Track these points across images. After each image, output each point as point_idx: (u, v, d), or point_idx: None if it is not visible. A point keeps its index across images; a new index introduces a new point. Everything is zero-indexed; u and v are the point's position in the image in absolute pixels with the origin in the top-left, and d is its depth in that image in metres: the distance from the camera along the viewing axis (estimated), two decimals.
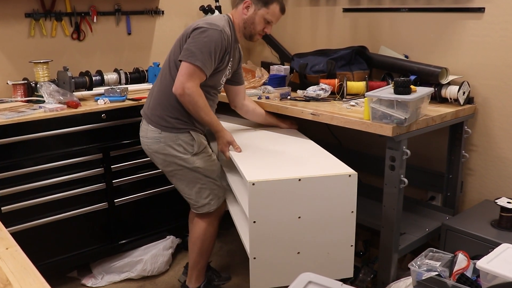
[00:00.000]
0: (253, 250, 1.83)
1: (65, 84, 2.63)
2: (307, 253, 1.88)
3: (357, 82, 2.59)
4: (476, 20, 2.37)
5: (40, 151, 2.38)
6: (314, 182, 1.81)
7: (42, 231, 2.44)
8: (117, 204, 2.68)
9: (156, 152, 2.24)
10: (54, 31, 2.87)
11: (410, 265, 1.95)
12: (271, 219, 1.81)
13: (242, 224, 2.14)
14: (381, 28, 2.81)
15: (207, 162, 2.24)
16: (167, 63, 2.25)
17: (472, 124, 2.46)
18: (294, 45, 3.30)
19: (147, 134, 2.25)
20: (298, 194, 1.81)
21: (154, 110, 2.23)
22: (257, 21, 2.24)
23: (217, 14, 2.25)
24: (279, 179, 1.79)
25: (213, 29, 2.09)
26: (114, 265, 2.71)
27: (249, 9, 2.23)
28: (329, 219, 1.87)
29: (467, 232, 2.14)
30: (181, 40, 2.19)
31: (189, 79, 2.07)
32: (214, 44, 2.09)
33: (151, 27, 3.27)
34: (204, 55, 2.07)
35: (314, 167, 1.93)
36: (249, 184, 1.76)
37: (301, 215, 1.83)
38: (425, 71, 2.40)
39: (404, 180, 2.09)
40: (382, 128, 2.02)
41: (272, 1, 2.23)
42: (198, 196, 2.29)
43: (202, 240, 2.36)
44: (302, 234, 1.86)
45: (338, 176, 1.84)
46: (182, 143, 2.20)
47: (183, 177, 2.26)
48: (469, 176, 2.54)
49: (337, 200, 1.85)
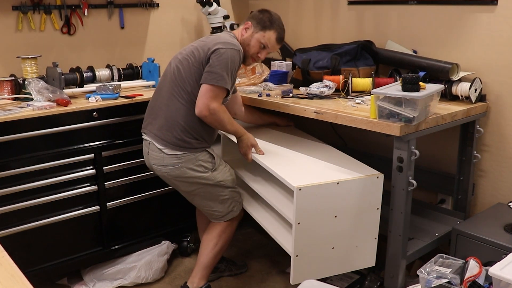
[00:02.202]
0: (297, 248, 2.09)
1: (54, 81, 2.63)
2: (340, 248, 2.18)
3: (363, 79, 2.59)
4: (489, 13, 2.36)
5: (28, 151, 2.38)
6: (349, 184, 2.11)
7: (30, 236, 2.44)
8: (110, 207, 2.68)
9: (178, 177, 2.32)
10: (43, 25, 2.87)
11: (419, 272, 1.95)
12: (313, 219, 2.08)
13: (277, 225, 2.36)
14: (388, 21, 2.81)
15: (226, 174, 2.37)
16: (173, 79, 2.30)
17: (484, 123, 2.46)
18: (297, 40, 3.30)
19: (163, 162, 2.31)
20: (336, 195, 2.10)
21: (169, 131, 2.28)
22: (253, 43, 2.36)
23: (226, 33, 2.43)
24: (321, 183, 2.07)
25: (232, 49, 2.23)
26: (106, 272, 2.71)
27: (247, 30, 2.37)
28: (359, 215, 2.16)
29: (479, 237, 2.14)
30: (194, 60, 2.26)
31: (212, 100, 2.20)
32: (234, 64, 2.24)
33: (145, 20, 3.27)
34: (227, 75, 2.21)
35: (346, 171, 2.20)
36: (296, 189, 2.00)
37: (337, 214, 2.12)
38: (435, 67, 2.40)
39: (413, 182, 2.09)
40: (389, 127, 2.02)
41: (271, 27, 2.35)
42: (222, 207, 2.40)
43: (216, 241, 2.45)
44: (337, 231, 2.15)
45: (369, 178, 2.14)
46: (202, 163, 2.30)
47: (206, 194, 2.36)
48: (481, 178, 2.54)
49: (366, 199, 2.15)
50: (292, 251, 2.10)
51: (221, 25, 3.24)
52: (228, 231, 2.47)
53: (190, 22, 3.48)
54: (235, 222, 2.49)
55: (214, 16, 3.22)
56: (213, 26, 3.24)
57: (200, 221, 2.75)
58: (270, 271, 2.85)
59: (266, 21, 2.34)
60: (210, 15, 3.21)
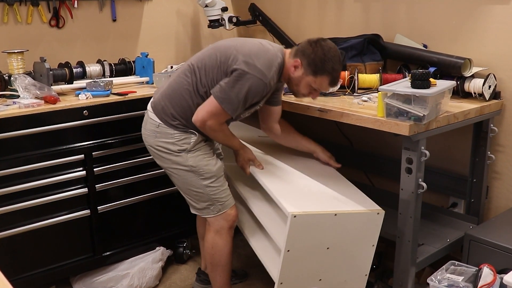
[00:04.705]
0: (283, 276, 2.10)
1: (42, 77, 2.63)
2: (328, 280, 2.19)
3: (370, 75, 2.59)
4: (503, 5, 2.36)
5: (13, 152, 2.38)
6: (347, 217, 2.11)
7: (16, 242, 2.44)
8: (101, 211, 2.67)
9: (151, 146, 2.32)
10: (30, 18, 2.87)
11: (429, 280, 1.95)
12: (304, 248, 2.08)
13: (266, 249, 2.37)
14: (396, 14, 2.81)
15: (202, 161, 2.26)
16: (192, 65, 2.24)
17: (499, 122, 2.46)
18: (299, 33, 3.30)
19: (146, 125, 2.34)
20: (332, 227, 2.09)
21: (163, 98, 2.27)
22: (303, 85, 2.20)
23: (273, 49, 2.20)
24: (318, 213, 2.07)
25: (258, 78, 2.10)
26: (97, 280, 2.70)
27: (297, 69, 2.17)
28: (353, 250, 2.18)
29: (493, 243, 2.13)
30: (216, 58, 2.17)
31: (212, 118, 2.16)
32: (253, 94, 2.13)
33: (138, 13, 3.27)
34: (238, 101, 2.12)
35: (346, 201, 2.20)
36: (290, 216, 1.99)
37: (330, 246, 2.12)
38: (446, 62, 2.40)
39: (423, 185, 2.09)
40: (397, 126, 2.02)
41: (323, 72, 2.13)
42: (195, 199, 2.32)
43: (211, 254, 2.40)
44: (327, 263, 2.16)
45: (369, 213, 2.13)
46: (177, 142, 2.24)
47: (180, 178, 2.30)
48: (495, 180, 2.54)
49: (362, 234, 2.16)
50: (277, 277, 2.11)
51: (219, 17, 3.23)
52: (218, 246, 2.36)
53: (186, 15, 3.48)
54: (224, 232, 2.35)
55: (212, 8, 3.21)
56: (210, 19, 3.24)
57: (200, 224, 2.71)
58: (271, 279, 2.84)
59: (318, 62, 2.11)
60: (207, 7, 3.21)
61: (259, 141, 2.68)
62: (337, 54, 2.15)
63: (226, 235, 2.37)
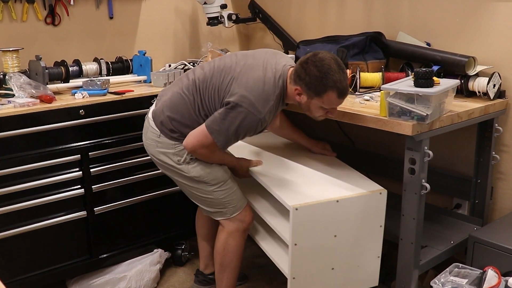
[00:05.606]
0: (294, 270, 2.12)
1: (37, 75, 2.63)
2: (340, 268, 2.20)
3: (372, 73, 2.59)
4: (508, 2, 2.36)
5: (8, 152, 2.38)
6: (350, 202, 2.12)
7: (11, 244, 2.44)
8: (97, 212, 2.68)
9: (153, 155, 2.34)
10: (25, 15, 2.87)
11: (433, 283, 1.95)
12: (311, 240, 2.10)
13: (274, 245, 2.38)
14: (399, 11, 2.81)
15: (204, 170, 2.26)
16: (195, 83, 2.23)
17: (504, 122, 2.46)
18: (300, 31, 3.30)
19: (146, 133, 2.34)
20: (336, 214, 2.11)
21: (164, 111, 2.26)
22: (313, 109, 2.14)
23: (274, 80, 2.12)
24: (319, 202, 2.08)
25: (252, 113, 2.08)
26: (94, 283, 2.70)
27: (301, 96, 2.11)
28: (361, 234, 2.18)
29: (498, 245, 2.13)
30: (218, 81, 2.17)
31: (203, 147, 2.18)
32: (245, 129, 2.13)
33: (136, 10, 3.27)
34: (230, 135, 2.14)
35: (347, 186, 2.21)
36: (292, 209, 2.02)
37: (337, 233, 2.14)
38: (450, 60, 2.40)
39: (426, 186, 2.09)
40: (400, 126, 2.02)
41: (326, 89, 2.04)
42: (206, 204, 2.35)
43: (222, 255, 2.40)
44: (337, 251, 2.17)
45: (371, 194, 2.15)
46: (178, 152, 2.25)
47: (186, 186, 2.33)
48: (500, 181, 2.54)
49: (368, 216, 2.17)
50: (288, 273, 2.13)
51: (218, 15, 3.24)
52: (230, 247, 2.36)
53: (185, 12, 3.48)
54: (237, 234, 2.35)
55: (211, 5, 3.21)
56: (209, 16, 3.24)
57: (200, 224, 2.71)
58: (272, 282, 2.85)
59: (315, 83, 2.04)
60: (206, 4, 3.21)
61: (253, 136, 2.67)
62: (331, 63, 2.03)
63: (240, 237, 2.38)
